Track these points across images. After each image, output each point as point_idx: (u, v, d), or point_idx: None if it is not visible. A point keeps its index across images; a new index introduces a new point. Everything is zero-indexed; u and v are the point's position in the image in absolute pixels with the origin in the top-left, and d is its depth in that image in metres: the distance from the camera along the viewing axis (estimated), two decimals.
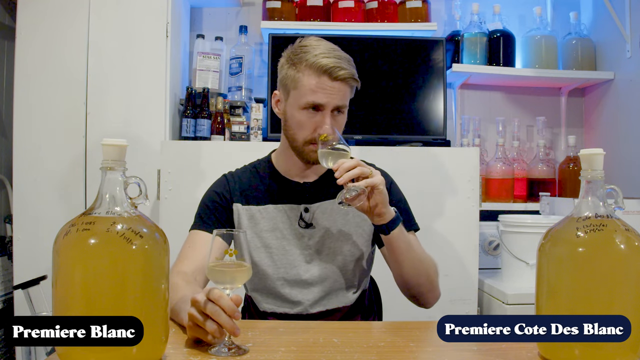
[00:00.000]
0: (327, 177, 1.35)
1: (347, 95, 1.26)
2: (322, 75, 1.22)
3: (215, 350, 0.92)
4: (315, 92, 1.22)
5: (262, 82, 2.47)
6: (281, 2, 2.38)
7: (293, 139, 1.28)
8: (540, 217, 2.13)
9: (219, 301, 0.90)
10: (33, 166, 2.09)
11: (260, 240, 1.31)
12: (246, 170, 1.39)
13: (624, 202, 0.93)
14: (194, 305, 0.93)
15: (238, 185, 1.35)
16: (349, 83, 1.24)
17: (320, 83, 1.22)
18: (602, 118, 2.53)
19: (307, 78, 1.23)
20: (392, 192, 1.36)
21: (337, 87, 1.23)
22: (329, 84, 1.22)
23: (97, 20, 2.12)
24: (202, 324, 0.92)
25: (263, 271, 1.31)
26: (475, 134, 2.50)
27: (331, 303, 1.32)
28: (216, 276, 0.96)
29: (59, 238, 0.84)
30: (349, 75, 1.23)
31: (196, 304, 0.93)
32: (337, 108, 1.24)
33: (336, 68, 1.21)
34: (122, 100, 2.11)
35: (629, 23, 2.30)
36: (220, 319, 0.90)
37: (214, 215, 1.31)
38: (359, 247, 1.33)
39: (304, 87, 1.23)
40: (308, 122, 1.24)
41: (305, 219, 1.32)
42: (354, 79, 1.24)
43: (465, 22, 2.49)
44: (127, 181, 0.89)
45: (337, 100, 1.23)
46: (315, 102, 1.23)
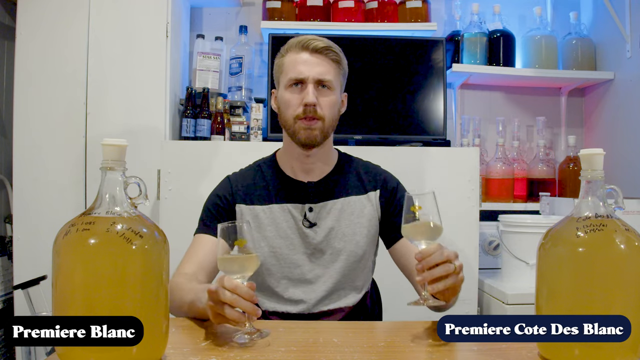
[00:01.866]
0: (332, 177, 1.36)
1: (331, 70, 1.28)
2: (300, 51, 1.28)
3: (237, 338, 0.96)
4: (294, 66, 1.27)
5: (262, 82, 2.47)
6: (281, 2, 2.38)
7: (285, 121, 1.30)
8: (540, 217, 2.13)
9: (236, 290, 0.94)
10: (33, 166, 2.09)
11: (264, 240, 1.32)
12: (250, 169, 1.39)
13: (624, 202, 0.92)
14: (211, 295, 0.97)
15: (242, 186, 1.35)
16: (328, 56, 1.28)
17: (300, 57, 1.27)
18: (602, 118, 2.53)
19: (289, 57, 1.29)
20: (398, 194, 1.36)
21: (316, 60, 1.27)
22: (307, 57, 1.27)
23: (97, 20, 2.12)
24: (222, 312, 0.95)
25: (266, 270, 1.32)
26: (475, 134, 2.50)
27: (334, 303, 1.32)
28: (226, 266, 0.99)
29: (59, 238, 0.84)
30: (325, 45, 1.27)
31: (213, 294, 0.96)
32: (320, 82, 1.27)
33: (312, 40, 1.27)
34: (122, 100, 2.11)
35: (629, 23, 2.29)
36: (241, 305, 0.94)
37: (216, 219, 1.31)
38: (363, 248, 1.33)
39: (287, 67, 1.29)
40: (293, 97, 1.28)
41: (309, 219, 1.32)
42: (333, 51, 1.28)
43: (465, 22, 2.49)
44: (127, 181, 0.89)
45: (319, 73, 1.26)
46: (296, 77, 1.27)
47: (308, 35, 1.30)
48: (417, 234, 1.03)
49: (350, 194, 1.34)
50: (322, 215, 1.32)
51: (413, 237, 1.04)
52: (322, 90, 1.27)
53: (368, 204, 1.34)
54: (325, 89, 1.28)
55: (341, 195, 1.34)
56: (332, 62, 1.28)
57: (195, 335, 1.04)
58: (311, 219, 1.32)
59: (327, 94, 1.28)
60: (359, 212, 1.33)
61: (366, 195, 1.35)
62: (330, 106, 1.28)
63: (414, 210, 1.02)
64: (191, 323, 1.14)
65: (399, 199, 1.34)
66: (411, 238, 1.05)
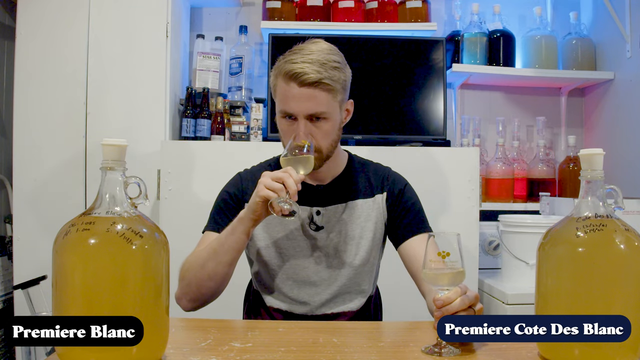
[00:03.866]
0: (340, 181, 1.35)
1: (324, 102, 1.19)
2: (290, 81, 1.18)
3: (277, 200, 1.10)
4: (285, 100, 1.20)
5: (262, 82, 2.47)
6: (281, 2, 2.38)
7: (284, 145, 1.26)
8: (540, 217, 2.13)
9: (288, 170, 1.12)
10: (33, 166, 2.09)
11: (271, 240, 1.31)
12: (261, 168, 1.38)
13: (624, 202, 0.93)
14: (265, 175, 1.13)
15: (252, 184, 1.33)
16: (321, 87, 1.18)
17: (289, 90, 1.19)
18: (602, 118, 2.53)
19: (280, 85, 1.21)
20: (406, 194, 1.35)
21: (307, 94, 1.17)
22: (297, 91, 1.18)
23: (97, 20, 2.12)
24: (271, 184, 1.10)
25: (272, 270, 1.32)
26: (475, 134, 2.50)
27: (338, 306, 1.32)
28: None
29: (59, 238, 0.84)
30: (316, 79, 1.16)
31: (267, 175, 1.13)
32: (314, 115, 1.20)
33: (300, 74, 1.16)
34: (122, 100, 2.11)
35: (629, 23, 2.29)
36: (286, 180, 1.10)
37: (226, 216, 1.30)
38: (369, 252, 1.32)
39: (278, 95, 1.23)
40: (287, 129, 1.23)
41: (316, 222, 1.31)
42: (324, 83, 1.17)
43: (465, 22, 2.49)
44: (127, 181, 0.89)
45: (309, 108, 1.18)
46: (287, 111, 1.21)
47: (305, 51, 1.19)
48: (441, 281, 0.97)
49: (358, 197, 1.33)
50: (329, 218, 1.32)
51: (435, 283, 0.98)
52: (316, 122, 1.21)
53: (375, 207, 1.33)
54: (319, 120, 1.21)
55: (349, 199, 1.33)
56: (326, 92, 1.19)
57: (195, 335, 1.04)
58: (318, 222, 1.31)
59: (322, 125, 1.22)
60: (365, 215, 1.32)
61: (373, 199, 1.34)
62: (326, 136, 1.23)
63: (442, 257, 0.95)
64: (191, 323, 1.14)
65: (405, 201, 1.33)
66: (433, 284, 0.98)
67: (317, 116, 1.21)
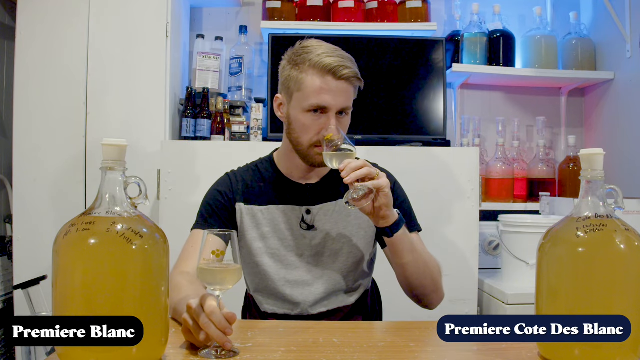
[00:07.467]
0: (329, 179, 1.35)
1: (351, 96, 1.24)
2: (326, 74, 1.19)
3: (204, 352, 0.91)
4: (320, 93, 1.20)
5: (262, 82, 2.47)
6: (281, 2, 2.38)
7: (297, 142, 1.25)
8: (540, 217, 2.13)
9: (211, 316, 0.90)
10: (33, 166, 2.09)
11: (262, 241, 1.31)
12: (248, 169, 1.38)
13: (624, 202, 0.93)
14: (188, 311, 0.93)
15: (241, 184, 1.33)
16: (353, 83, 1.22)
17: (325, 83, 1.19)
18: (602, 118, 2.53)
19: (311, 78, 1.20)
20: (396, 192, 1.35)
21: (342, 88, 1.20)
22: (334, 84, 1.19)
23: (97, 21, 2.11)
24: (194, 331, 0.92)
25: (264, 272, 1.31)
26: (475, 134, 2.50)
27: (332, 304, 1.32)
28: (206, 277, 0.95)
29: (59, 238, 0.84)
30: (353, 74, 1.20)
31: (190, 310, 0.93)
32: (341, 110, 1.23)
33: (340, 67, 1.19)
34: (122, 100, 2.11)
35: (629, 23, 2.29)
36: (210, 332, 0.90)
37: (216, 214, 1.30)
38: (360, 249, 1.33)
39: (307, 89, 1.21)
40: (313, 124, 1.22)
41: (307, 221, 1.31)
42: (357, 78, 1.22)
43: (465, 22, 2.49)
44: (127, 181, 0.89)
45: (342, 102, 1.21)
46: (321, 104, 1.20)
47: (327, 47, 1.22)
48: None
49: None
50: (319, 217, 1.32)
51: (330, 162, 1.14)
52: (339, 117, 1.23)
53: None
54: (343, 115, 1.24)
55: (339, 197, 1.33)
56: (353, 88, 1.23)
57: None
58: (309, 221, 1.31)
59: (344, 119, 1.25)
60: (355, 213, 1.32)
61: None
62: (345, 129, 1.26)
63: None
64: None
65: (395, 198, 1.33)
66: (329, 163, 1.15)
67: (343, 110, 1.23)
